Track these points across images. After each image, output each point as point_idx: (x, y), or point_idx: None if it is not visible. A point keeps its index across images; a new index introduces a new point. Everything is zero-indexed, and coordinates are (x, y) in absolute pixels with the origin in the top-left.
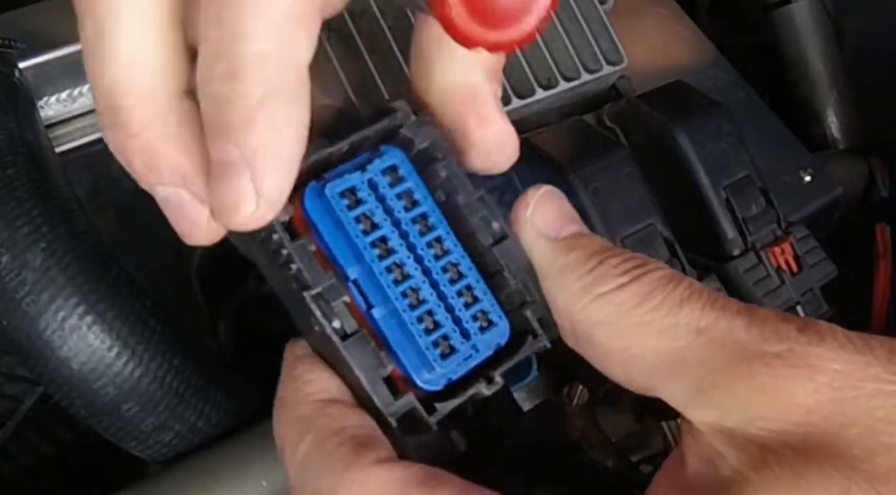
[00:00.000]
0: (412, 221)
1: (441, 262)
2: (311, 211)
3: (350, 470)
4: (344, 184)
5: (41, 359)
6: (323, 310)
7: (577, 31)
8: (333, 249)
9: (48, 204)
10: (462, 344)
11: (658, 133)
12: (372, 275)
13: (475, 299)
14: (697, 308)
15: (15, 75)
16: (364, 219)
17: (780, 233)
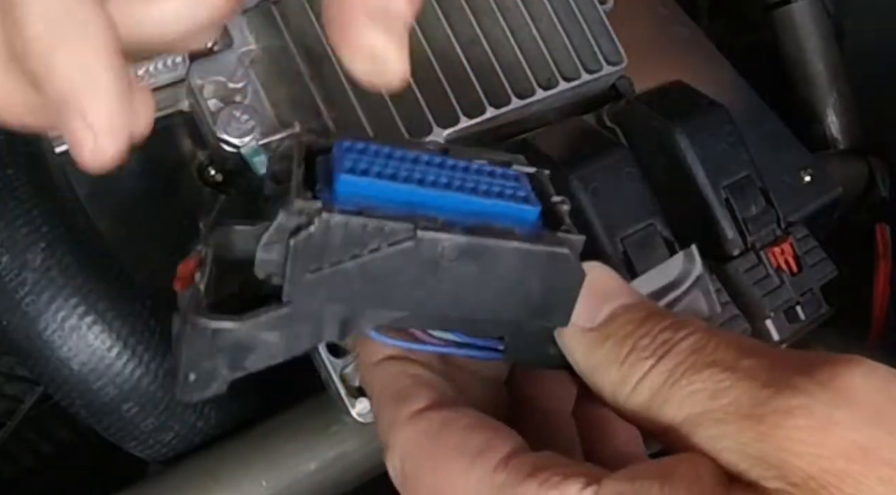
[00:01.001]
0: (403, 160)
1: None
2: (347, 204)
3: (391, 427)
4: (344, 164)
5: (41, 359)
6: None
7: (577, 31)
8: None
9: (48, 204)
10: (523, 191)
11: (658, 133)
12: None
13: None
14: (716, 373)
15: None
16: (383, 175)
17: (780, 233)
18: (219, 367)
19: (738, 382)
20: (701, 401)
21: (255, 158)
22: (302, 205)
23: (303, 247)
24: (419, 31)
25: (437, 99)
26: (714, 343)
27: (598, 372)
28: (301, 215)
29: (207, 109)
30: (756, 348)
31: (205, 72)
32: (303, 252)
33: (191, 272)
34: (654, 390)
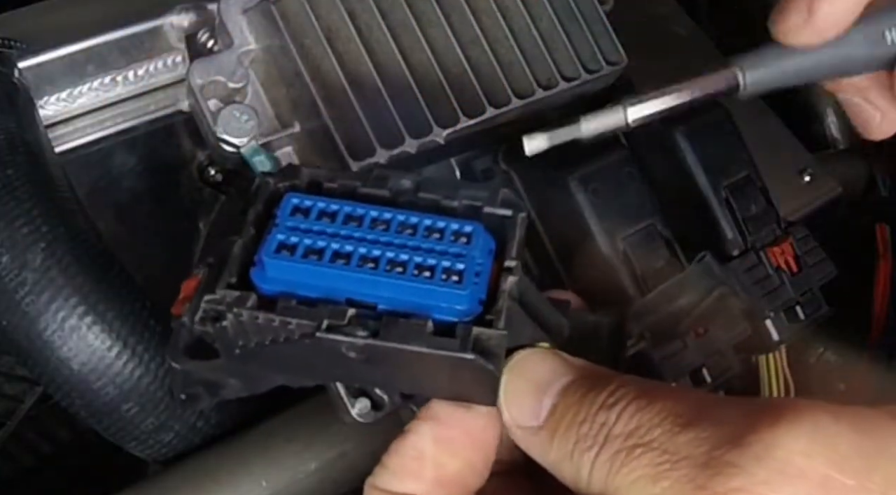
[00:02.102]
0: (345, 224)
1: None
2: (274, 283)
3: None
4: (272, 245)
5: (41, 358)
6: (345, 332)
7: (577, 31)
8: (314, 292)
9: (48, 204)
10: (462, 263)
11: (658, 133)
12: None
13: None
14: (655, 457)
15: (15, 75)
16: (310, 253)
17: (779, 233)
18: (200, 393)
19: (676, 464)
20: (644, 488)
21: (255, 158)
22: (223, 294)
23: (221, 333)
24: (419, 31)
25: (437, 99)
26: (648, 416)
27: (556, 468)
28: (221, 304)
29: (207, 109)
30: (693, 414)
31: (205, 72)
32: (223, 337)
33: (188, 296)
34: (604, 481)
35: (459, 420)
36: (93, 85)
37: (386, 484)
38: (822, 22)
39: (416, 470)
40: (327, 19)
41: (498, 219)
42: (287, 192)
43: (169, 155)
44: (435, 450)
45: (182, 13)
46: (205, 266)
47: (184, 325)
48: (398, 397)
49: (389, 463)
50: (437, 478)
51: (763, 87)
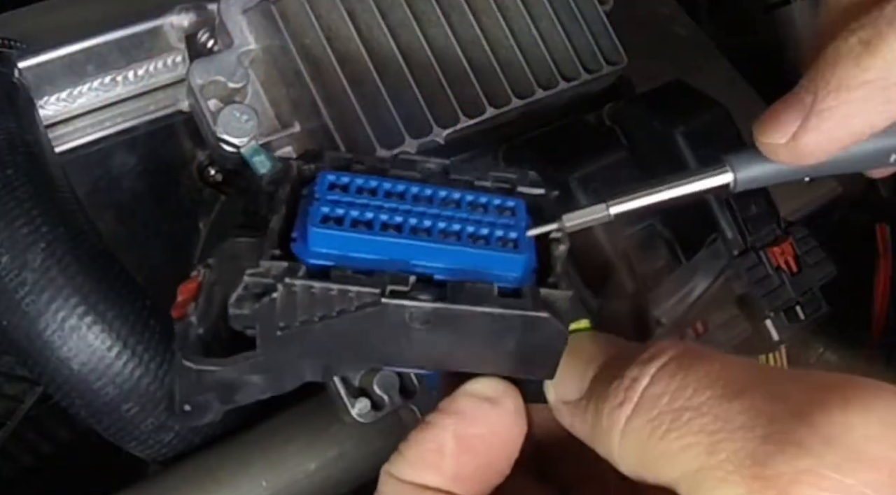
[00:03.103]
0: (387, 198)
1: (439, 204)
2: (320, 257)
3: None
4: (317, 215)
5: (41, 358)
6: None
7: (577, 31)
8: (364, 264)
9: (48, 204)
10: (514, 232)
11: (658, 133)
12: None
13: (482, 205)
14: (708, 424)
15: (15, 75)
16: (359, 224)
17: (780, 233)
18: (210, 401)
19: (733, 434)
20: (697, 457)
21: (255, 158)
22: (269, 265)
23: (268, 310)
24: (419, 31)
25: (437, 99)
26: (695, 378)
27: (592, 440)
28: (267, 277)
29: (207, 109)
30: (745, 382)
31: (205, 72)
32: (268, 314)
33: (188, 298)
34: (643, 443)
35: (485, 417)
36: (93, 85)
37: (402, 473)
38: (803, 149)
39: (434, 463)
40: (327, 19)
41: (532, 197)
42: (318, 172)
43: (169, 155)
44: (456, 446)
45: (182, 13)
46: (204, 267)
47: (190, 325)
48: (399, 397)
49: (408, 452)
50: (455, 474)
51: (756, 185)
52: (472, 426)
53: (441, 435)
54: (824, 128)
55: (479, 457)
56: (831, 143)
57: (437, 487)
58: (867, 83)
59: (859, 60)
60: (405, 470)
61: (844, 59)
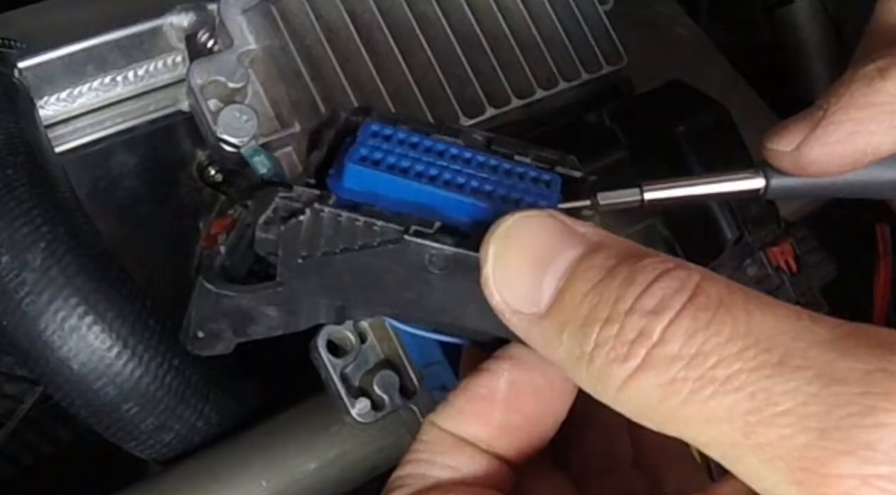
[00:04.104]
0: (427, 153)
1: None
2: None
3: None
4: (356, 154)
5: (41, 359)
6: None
7: (577, 31)
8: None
9: (48, 204)
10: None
11: (658, 133)
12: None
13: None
14: (741, 400)
15: (15, 75)
16: (395, 168)
17: (780, 233)
18: (224, 330)
19: (777, 419)
20: (729, 434)
21: (255, 158)
22: (300, 191)
23: (292, 234)
24: (419, 32)
25: (438, 99)
26: (719, 343)
27: (570, 370)
28: (297, 201)
29: (207, 109)
30: (786, 348)
31: (205, 72)
32: (293, 239)
33: (220, 231)
34: (651, 404)
35: (540, 364)
36: (93, 85)
37: (447, 422)
38: (805, 158)
39: (483, 411)
40: (327, 19)
41: (570, 179)
42: (364, 123)
43: (169, 155)
44: (508, 393)
45: (182, 13)
46: (242, 206)
47: (217, 254)
48: (399, 397)
49: (456, 400)
50: (503, 425)
51: (786, 196)
52: (528, 372)
53: (494, 382)
54: (828, 142)
55: (529, 408)
56: (833, 157)
57: (480, 441)
58: (875, 105)
59: (872, 83)
60: (451, 420)
61: (859, 80)
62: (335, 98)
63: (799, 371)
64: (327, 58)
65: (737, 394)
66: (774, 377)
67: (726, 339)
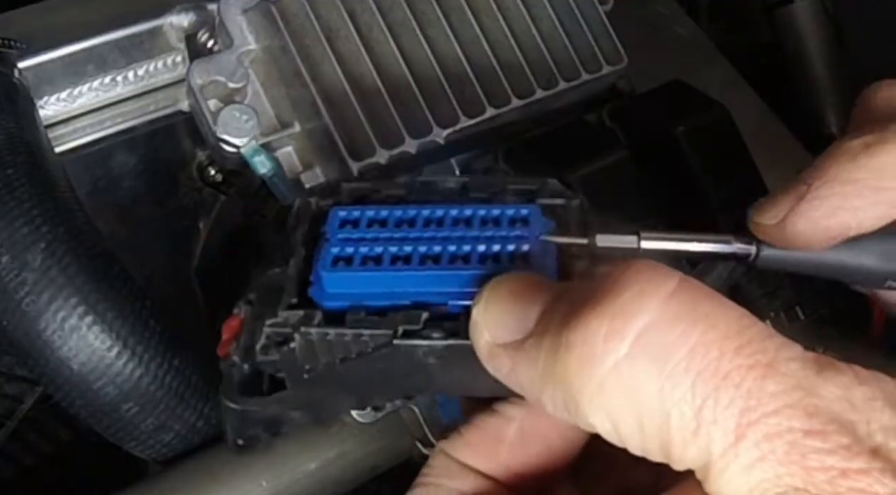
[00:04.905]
0: (398, 227)
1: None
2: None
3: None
4: (328, 259)
5: (41, 359)
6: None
7: (577, 31)
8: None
9: (48, 204)
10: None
11: (658, 133)
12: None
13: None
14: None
15: (15, 75)
16: (368, 260)
17: None
18: (259, 434)
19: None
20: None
21: (255, 158)
22: (285, 316)
23: (290, 357)
24: (419, 31)
25: (437, 99)
26: (704, 340)
27: (543, 389)
28: (285, 326)
29: (207, 109)
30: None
31: (205, 72)
32: (291, 361)
33: (231, 337)
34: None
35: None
36: (93, 85)
37: (456, 452)
38: (790, 231)
39: (491, 450)
40: (327, 19)
41: (552, 208)
42: (332, 208)
43: (169, 155)
44: (517, 438)
45: (182, 13)
46: (245, 303)
47: (234, 365)
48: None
49: (468, 434)
50: (509, 464)
51: (775, 268)
52: (539, 420)
53: (504, 425)
54: (812, 216)
55: (537, 453)
56: (818, 231)
57: (487, 473)
58: (858, 180)
59: (856, 158)
60: (459, 450)
61: (843, 155)
62: (335, 98)
63: (786, 378)
64: (327, 58)
65: (735, 391)
66: (768, 378)
67: (723, 335)
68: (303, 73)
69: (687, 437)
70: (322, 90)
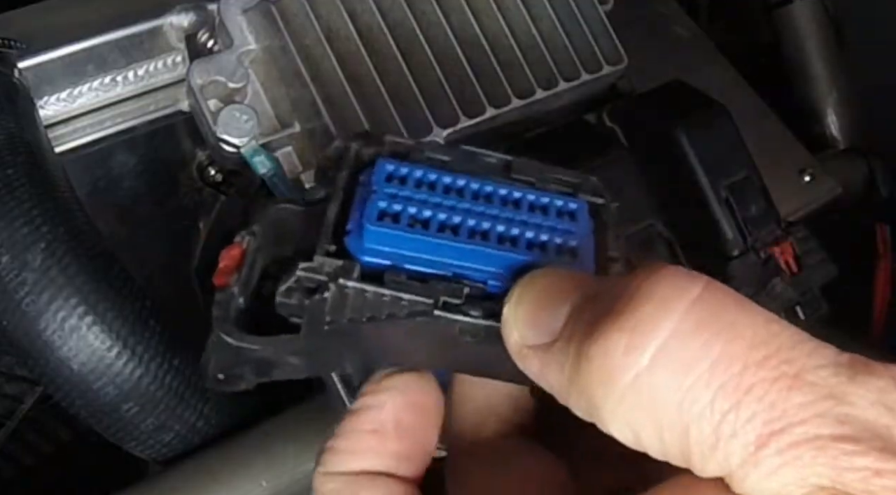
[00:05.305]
0: (446, 194)
1: (499, 203)
2: (375, 254)
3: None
4: (374, 212)
5: (41, 359)
6: (464, 311)
7: (577, 31)
8: (418, 263)
9: (48, 204)
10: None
11: (658, 133)
12: (465, 251)
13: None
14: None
15: (15, 75)
16: (415, 222)
17: (780, 233)
18: (246, 374)
19: (795, 429)
20: (743, 449)
21: (255, 158)
22: (322, 261)
23: (318, 307)
24: (419, 31)
25: (437, 99)
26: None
27: (569, 395)
28: (320, 273)
29: (207, 109)
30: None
31: (205, 72)
32: (317, 311)
33: (231, 266)
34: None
35: (420, 386)
36: (93, 85)
37: (339, 466)
38: None
39: (375, 445)
40: (327, 19)
41: (594, 206)
42: (377, 158)
43: (169, 155)
44: (398, 421)
45: (182, 13)
46: (248, 234)
47: (232, 296)
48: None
49: (339, 445)
50: (398, 451)
51: None
52: (413, 396)
53: (380, 415)
54: None
55: (417, 430)
56: None
57: (377, 470)
58: None
59: None
60: (341, 462)
61: None
62: (335, 98)
63: (815, 387)
64: (327, 58)
65: (758, 404)
66: (794, 389)
67: (748, 346)
68: (303, 73)
69: (705, 452)
70: (322, 90)
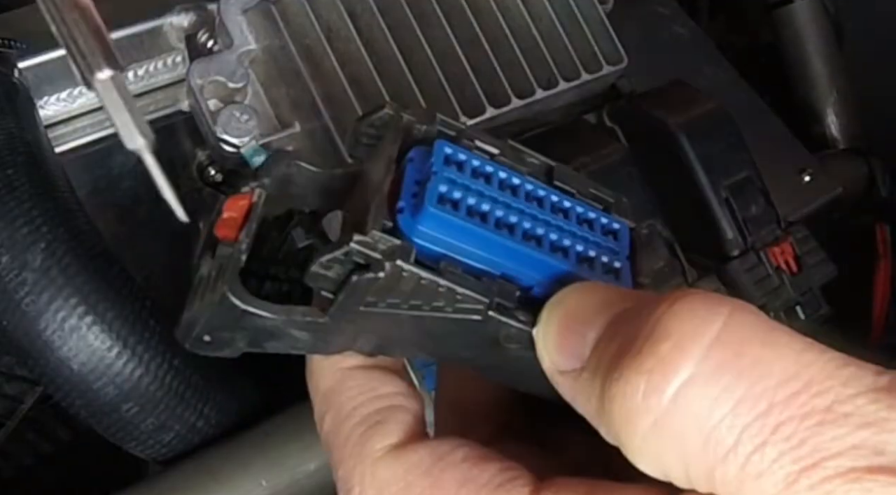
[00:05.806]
0: (501, 190)
1: (549, 209)
2: (427, 238)
3: (358, 465)
4: (434, 194)
5: (41, 359)
6: (514, 316)
7: (577, 31)
8: (470, 257)
9: (48, 204)
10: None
11: (658, 133)
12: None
13: (590, 222)
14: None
15: (15, 75)
16: (473, 213)
17: (780, 233)
18: (237, 340)
19: (827, 462)
20: (773, 486)
21: (255, 158)
22: (378, 237)
23: (364, 286)
24: (419, 31)
25: (437, 99)
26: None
27: (599, 424)
28: (374, 250)
29: (207, 109)
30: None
31: (205, 72)
32: (362, 290)
33: (238, 218)
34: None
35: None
36: None
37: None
38: None
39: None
40: (327, 19)
41: (630, 229)
42: (435, 137)
43: (169, 155)
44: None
45: (182, 13)
46: (258, 186)
47: (241, 253)
48: None
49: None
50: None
51: None
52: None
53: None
54: None
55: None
56: None
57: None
58: None
59: None
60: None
61: None
62: (335, 98)
63: (850, 418)
64: (327, 58)
65: (785, 444)
66: (826, 424)
67: (775, 384)
68: (303, 73)
69: (733, 492)
70: (322, 90)
